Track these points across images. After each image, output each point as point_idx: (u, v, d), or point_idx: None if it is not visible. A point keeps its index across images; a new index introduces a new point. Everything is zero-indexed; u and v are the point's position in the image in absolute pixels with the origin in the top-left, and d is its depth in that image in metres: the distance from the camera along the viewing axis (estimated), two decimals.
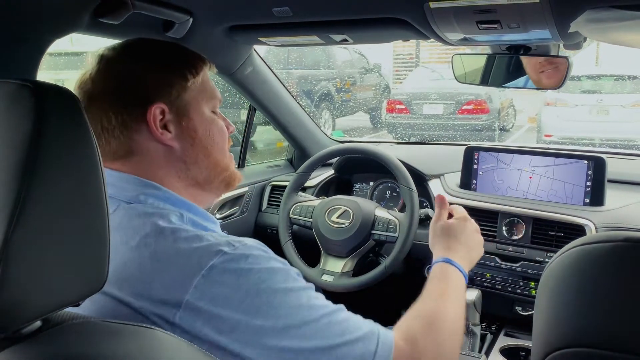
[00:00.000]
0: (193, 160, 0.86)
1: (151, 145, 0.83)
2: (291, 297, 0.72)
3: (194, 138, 0.86)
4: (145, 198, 0.80)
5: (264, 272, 0.72)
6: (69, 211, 0.55)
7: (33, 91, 0.53)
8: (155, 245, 0.73)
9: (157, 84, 0.83)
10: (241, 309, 0.69)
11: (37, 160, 0.51)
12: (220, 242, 0.73)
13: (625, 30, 1.01)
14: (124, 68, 0.84)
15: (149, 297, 0.70)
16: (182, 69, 0.86)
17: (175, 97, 0.84)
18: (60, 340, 0.58)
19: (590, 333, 0.59)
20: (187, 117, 0.85)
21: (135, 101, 0.82)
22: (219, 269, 0.70)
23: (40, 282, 0.53)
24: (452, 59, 1.48)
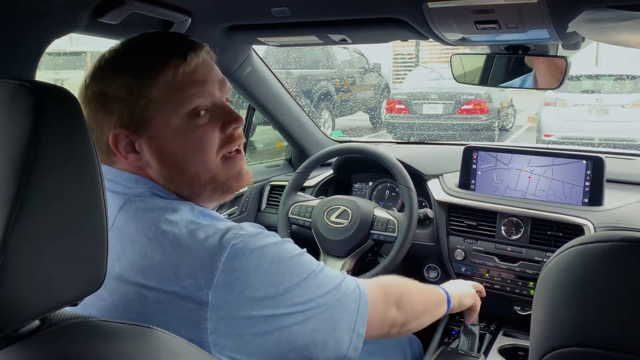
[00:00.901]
0: (168, 180, 0.82)
1: (130, 166, 0.83)
2: (301, 259, 0.82)
3: (161, 157, 0.81)
4: (152, 195, 0.81)
5: (278, 244, 0.79)
6: (67, 210, 0.55)
7: (31, 91, 0.53)
8: (174, 233, 0.75)
9: (110, 108, 0.80)
10: (270, 275, 0.75)
11: (35, 160, 0.52)
12: (234, 226, 0.77)
13: (623, 31, 1.02)
14: (90, 89, 0.82)
15: (178, 281, 0.72)
16: (133, 86, 0.79)
17: (130, 119, 0.79)
18: (59, 339, 0.58)
19: (587, 333, 0.59)
20: (150, 136, 0.80)
21: (99, 128, 0.81)
22: (241, 245, 0.74)
23: (38, 281, 0.53)
24: (451, 58, 1.48)
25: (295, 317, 0.77)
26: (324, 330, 0.80)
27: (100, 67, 0.83)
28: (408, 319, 1.03)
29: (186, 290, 0.72)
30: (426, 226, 1.77)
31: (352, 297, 0.86)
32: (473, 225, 1.67)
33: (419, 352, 1.55)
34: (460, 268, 1.69)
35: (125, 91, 0.79)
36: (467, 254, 1.67)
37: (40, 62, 1.06)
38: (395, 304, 0.99)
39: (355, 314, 0.86)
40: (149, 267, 0.74)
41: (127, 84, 0.79)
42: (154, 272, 0.74)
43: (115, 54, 0.84)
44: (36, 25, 1.00)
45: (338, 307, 0.83)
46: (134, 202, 0.79)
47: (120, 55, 0.84)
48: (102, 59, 0.84)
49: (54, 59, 6.46)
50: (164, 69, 0.79)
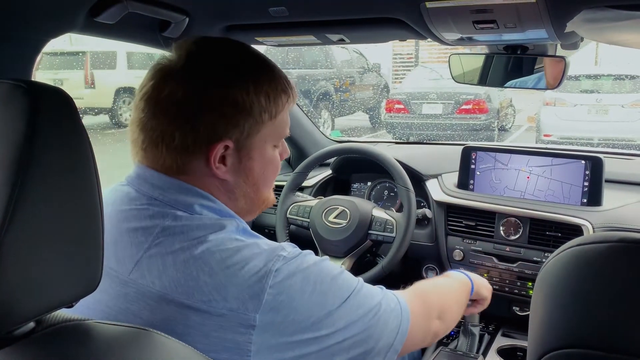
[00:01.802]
0: (242, 194, 0.86)
1: (204, 171, 0.82)
2: (341, 278, 0.82)
3: (248, 176, 0.85)
4: (201, 209, 0.80)
5: (319, 264, 0.80)
6: (63, 212, 0.55)
7: (27, 91, 0.53)
8: (220, 254, 0.74)
9: (233, 121, 0.80)
10: (314, 296, 0.76)
11: (30, 161, 0.51)
12: (275, 247, 0.78)
13: (622, 30, 1.01)
14: (204, 91, 0.79)
15: (225, 302, 0.72)
16: (263, 110, 0.82)
17: (245, 137, 0.81)
18: (54, 341, 0.58)
19: (585, 334, 0.58)
20: (248, 157, 0.83)
21: (205, 132, 0.79)
22: (285, 268, 0.75)
23: (33, 283, 0.53)
24: (450, 58, 1.47)
25: (335, 337, 0.77)
26: (362, 348, 0.81)
27: (238, 59, 0.83)
28: (449, 326, 1.05)
29: (233, 313, 0.72)
30: (425, 226, 1.77)
31: (393, 315, 0.85)
32: (472, 226, 1.66)
33: (417, 353, 1.55)
34: (458, 268, 1.69)
35: (257, 111, 0.81)
36: (465, 254, 1.67)
37: (40, 62, 1.05)
38: (437, 316, 0.99)
39: (396, 332, 0.85)
40: (194, 287, 0.73)
41: (267, 103, 0.82)
42: (200, 292, 0.72)
43: (244, 63, 0.84)
44: (32, 25, 0.99)
45: (378, 327, 0.82)
46: (181, 218, 0.78)
47: (252, 67, 0.84)
48: (240, 54, 0.85)
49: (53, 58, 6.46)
50: (285, 108, 0.87)
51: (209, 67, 0.81)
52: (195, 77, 0.80)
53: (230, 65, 0.82)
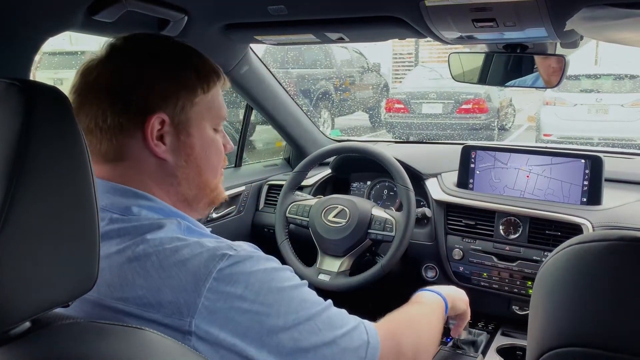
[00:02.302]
0: (184, 177, 0.83)
1: (143, 153, 0.80)
2: (296, 293, 0.75)
3: (189, 155, 0.83)
4: (138, 210, 0.77)
5: (269, 271, 0.74)
6: (58, 211, 0.54)
7: (21, 90, 0.53)
8: (157, 255, 0.71)
9: (164, 94, 0.79)
10: (254, 308, 0.70)
11: (25, 160, 0.51)
12: (222, 246, 0.73)
13: (621, 28, 1.01)
14: (134, 67, 0.79)
15: (160, 307, 0.69)
16: (194, 83, 0.82)
17: (179, 111, 0.80)
18: (50, 341, 0.57)
19: (584, 332, 0.58)
20: (187, 133, 0.82)
21: (137, 107, 0.78)
22: (227, 271, 0.70)
23: (29, 282, 0.52)
24: (449, 57, 1.47)
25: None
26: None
27: (157, 46, 0.84)
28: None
29: (168, 319, 0.68)
30: (424, 225, 1.76)
31: (355, 356, 0.76)
32: (471, 225, 1.66)
33: None
34: (458, 267, 1.69)
35: (185, 83, 0.81)
36: (465, 253, 1.66)
37: (40, 61, 1.05)
38: (412, 358, 0.90)
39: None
40: (129, 291, 0.70)
41: (189, 77, 0.82)
42: (135, 297, 0.69)
43: (175, 44, 0.85)
44: (30, 23, 0.99)
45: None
46: (117, 222, 0.75)
47: (181, 48, 0.85)
48: (153, 39, 0.85)
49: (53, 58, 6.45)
50: (216, 83, 0.85)
51: (138, 47, 0.82)
52: (123, 55, 0.80)
53: (159, 44, 0.84)
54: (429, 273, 1.78)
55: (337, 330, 0.75)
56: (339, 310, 0.80)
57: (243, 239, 2.05)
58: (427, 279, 1.79)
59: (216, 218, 1.87)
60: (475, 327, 1.67)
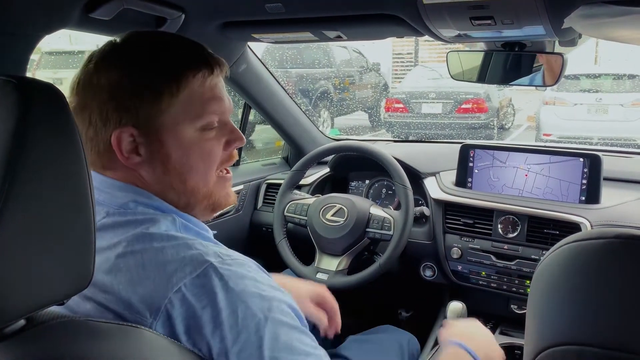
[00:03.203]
0: (167, 186, 0.79)
1: (123, 165, 0.77)
2: (271, 329, 0.68)
3: (166, 164, 0.77)
4: (135, 205, 0.76)
5: (246, 294, 0.68)
6: (54, 208, 0.54)
7: (17, 87, 0.52)
8: (142, 254, 0.70)
9: (125, 105, 0.74)
10: (214, 325, 0.66)
11: (20, 157, 0.51)
12: (209, 252, 0.70)
13: (619, 26, 1.01)
14: (103, 77, 0.75)
15: (130, 305, 0.68)
16: (158, 86, 0.75)
17: (145, 120, 0.75)
18: (45, 339, 0.57)
19: (581, 331, 0.58)
20: (159, 142, 0.76)
21: (102, 122, 0.75)
22: (201, 280, 0.67)
23: (24, 280, 0.52)
24: (448, 56, 1.47)
25: None
26: None
27: (115, 54, 0.77)
28: None
29: (134, 316, 0.67)
30: (422, 224, 1.76)
31: None
32: (469, 224, 1.66)
33: (416, 350, 1.54)
34: (456, 266, 1.69)
35: (147, 90, 0.75)
36: (463, 252, 1.66)
37: (39, 61, 1.05)
38: None
39: None
40: (110, 285, 0.69)
41: (151, 82, 0.75)
42: (115, 291, 0.69)
43: (135, 45, 0.78)
44: (27, 20, 0.99)
45: None
46: (112, 216, 0.74)
47: (143, 48, 0.78)
48: (115, 46, 0.78)
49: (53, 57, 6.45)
50: (192, 78, 0.77)
51: (107, 53, 0.77)
52: (97, 63, 0.76)
53: (130, 45, 0.78)
54: (427, 272, 1.78)
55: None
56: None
57: (241, 237, 2.06)
58: (426, 277, 1.78)
59: (214, 217, 1.87)
60: None
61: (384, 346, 1.47)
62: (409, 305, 2.09)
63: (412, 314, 2.08)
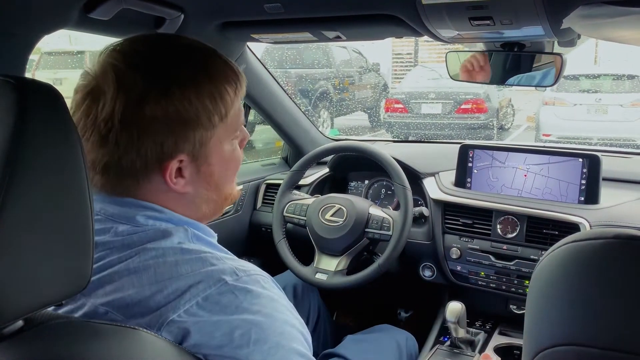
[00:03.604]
0: (204, 201, 0.79)
1: (161, 189, 0.75)
2: (282, 356, 0.68)
3: (209, 182, 0.78)
4: (145, 220, 0.73)
5: (260, 316, 0.68)
6: (52, 209, 0.54)
7: (15, 87, 0.52)
8: (156, 268, 0.69)
9: (181, 134, 0.71)
10: (225, 343, 0.66)
11: (18, 157, 0.51)
12: (225, 268, 0.69)
13: (618, 27, 1.01)
14: (145, 102, 0.69)
15: (141, 318, 0.67)
16: (211, 113, 0.73)
17: (198, 147, 0.74)
18: (43, 340, 0.57)
19: (579, 331, 0.58)
20: (207, 164, 0.76)
21: (154, 153, 0.71)
22: (215, 298, 0.67)
23: (22, 281, 0.52)
24: (447, 56, 1.47)
25: None
26: None
27: (162, 81, 0.71)
28: None
29: (145, 319, 0.67)
30: (422, 224, 1.76)
31: None
32: (469, 224, 1.66)
33: (414, 349, 1.55)
34: (455, 266, 1.69)
35: (205, 117, 0.73)
36: (462, 252, 1.66)
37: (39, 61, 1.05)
38: None
39: None
40: (120, 300, 0.68)
41: (208, 109, 0.73)
42: (125, 306, 0.68)
43: (178, 68, 0.73)
44: (25, 20, 0.99)
45: None
46: (122, 230, 0.72)
47: (188, 70, 0.73)
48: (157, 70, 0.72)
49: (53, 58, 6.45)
50: (234, 96, 0.76)
51: (141, 77, 0.70)
52: (129, 91, 0.69)
53: (163, 70, 0.72)
54: (427, 272, 1.78)
55: None
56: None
57: (241, 238, 2.06)
58: (425, 278, 1.78)
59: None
60: (473, 326, 1.67)
61: (382, 345, 1.47)
62: (408, 305, 2.10)
63: (412, 314, 2.08)
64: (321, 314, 1.72)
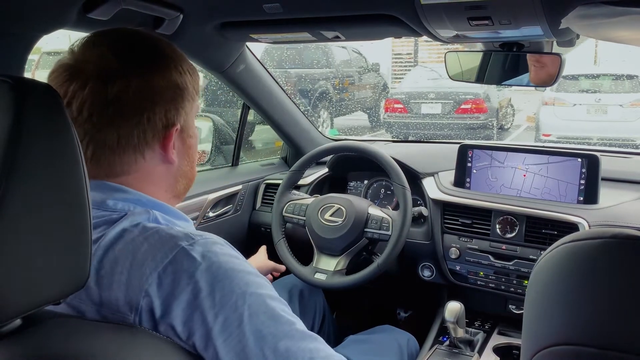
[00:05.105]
0: (183, 174, 0.85)
1: (153, 163, 0.79)
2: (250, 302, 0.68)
3: (189, 154, 0.85)
4: (114, 203, 0.75)
5: (221, 272, 0.69)
6: (50, 208, 0.54)
7: (13, 87, 0.52)
8: (118, 250, 0.69)
9: (180, 103, 0.80)
10: (193, 309, 0.66)
11: (16, 157, 0.51)
12: (179, 235, 0.70)
13: (617, 27, 1.01)
14: (145, 80, 0.76)
15: (109, 304, 0.67)
16: (193, 86, 0.83)
17: (185, 117, 0.82)
18: (41, 338, 0.57)
19: (577, 331, 0.58)
20: (189, 135, 0.84)
21: (161, 122, 0.78)
22: (174, 266, 0.67)
23: (20, 279, 0.52)
24: (446, 56, 1.47)
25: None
26: None
27: (158, 59, 0.79)
28: None
29: (117, 316, 0.67)
30: (421, 224, 1.76)
31: None
32: (468, 224, 1.66)
33: (415, 350, 1.55)
34: (454, 266, 1.69)
35: (191, 87, 0.82)
36: (461, 252, 1.66)
37: (39, 61, 1.05)
38: None
39: None
40: (93, 290, 0.68)
41: (190, 80, 0.82)
42: (88, 293, 0.68)
43: (159, 49, 0.81)
44: (24, 20, 0.99)
45: None
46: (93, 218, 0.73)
47: (167, 50, 0.81)
48: (156, 51, 0.80)
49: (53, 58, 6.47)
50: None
51: (142, 56, 0.78)
52: (136, 68, 0.76)
53: (157, 50, 0.80)
54: (426, 272, 1.78)
55: None
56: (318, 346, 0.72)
57: (240, 238, 2.06)
58: (424, 278, 1.78)
59: (213, 217, 1.87)
60: (472, 326, 1.67)
61: (382, 346, 1.47)
62: (408, 305, 2.10)
63: (411, 314, 2.08)
64: (326, 316, 1.72)
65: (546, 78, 1.37)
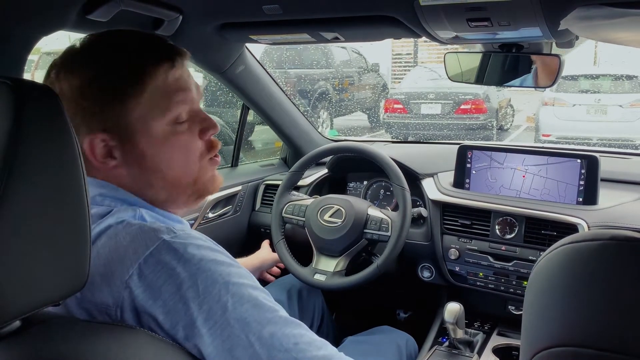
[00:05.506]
0: (146, 185, 0.79)
1: (101, 171, 0.77)
2: (233, 291, 0.68)
3: (141, 163, 0.77)
4: (102, 199, 0.75)
5: (203, 263, 0.68)
6: (49, 209, 0.54)
7: (12, 88, 0.53)
8: (100, 245, 0.69)
9: (92, 110, 0.74)
10: (176, 300, 0.66)
11: (15, 158, 0.51)
12: (161, 229, 0.70)
13: (616, 28, 1.01)
14: (65, 85, 0.74)
15: (91, 297, 0.67)
16: (120, 87, 0.74)
17: (114, 123, 0.74)
18: (41, 340, 0.57)
19: (576, 332, 0.58)
20: (131, 143, 0.76)
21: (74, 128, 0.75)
22: (155, 257, 0.67)
23: (19, 281, 0.52)
24: (445, 57, 1.47)
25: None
26: None
27: (75, 60, 0.76)
28: None
29: (103, 316, 0.67)
30: (420, 225, 1.76)
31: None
32: (467, 225, 1.66)
33: (414, 351, 1.55)
34: (454, 267, 1.69)
35: (111, 92, 0.74)
36: (461, 253, 1.66)
37: (38, 62, 1.05)
38: None
39: None
40: None
41: (114, 84, 0.74)
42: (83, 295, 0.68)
43: (94, 48, 0.77)
44: (24, 21, 0.99)
45: None
46: None
47: (101, 50, 0.77)
48: (74, 51, 0.77)
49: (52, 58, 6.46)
50: (154, 74, 0.76)
51: (60, 61, 0.76)
52: (65, 67, 0.75)
53: (74, 53, 0.77)
54: (425, 273, 1.78)
55: None
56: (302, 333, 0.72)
57: (239, 238, 2.06)
58: (423, 279, 1.78)
59: (212, 218, 1.87)
60: (472, 327, 1.67)
61: (381, 347, 1.47)
62: (407, 306, 2.10)
63: (410, 314, 2.08)
64: (325, 316, 1.72)
65: (545, 79, 1.37)
